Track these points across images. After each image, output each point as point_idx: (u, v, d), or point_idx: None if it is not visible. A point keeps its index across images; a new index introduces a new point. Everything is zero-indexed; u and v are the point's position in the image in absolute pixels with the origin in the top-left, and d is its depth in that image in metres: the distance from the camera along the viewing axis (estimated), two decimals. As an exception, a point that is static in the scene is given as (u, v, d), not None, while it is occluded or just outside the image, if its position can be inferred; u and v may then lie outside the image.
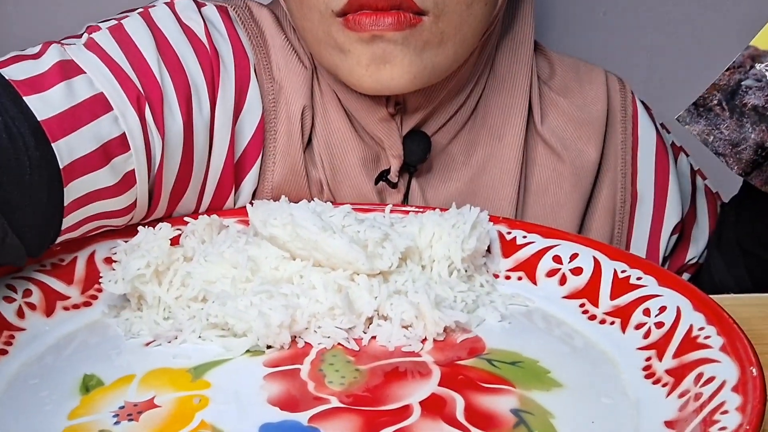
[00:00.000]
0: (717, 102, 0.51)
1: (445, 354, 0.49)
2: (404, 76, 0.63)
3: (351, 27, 0.62)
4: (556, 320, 0.54)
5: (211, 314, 0.50)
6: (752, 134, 0.50)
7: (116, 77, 0.57)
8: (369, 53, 0.62)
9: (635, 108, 0.76)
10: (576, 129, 0.73)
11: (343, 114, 0.69)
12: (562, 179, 0.72)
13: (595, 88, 0.75)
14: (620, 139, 0.75)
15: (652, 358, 0.48)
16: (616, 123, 0.75)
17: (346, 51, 0.63)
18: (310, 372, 0.47)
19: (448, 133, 0.71)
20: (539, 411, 0.44)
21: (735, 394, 0.41)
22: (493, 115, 0.72)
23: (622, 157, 0.74)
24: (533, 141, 0.73)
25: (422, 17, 0.61)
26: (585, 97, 0.74)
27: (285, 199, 0.57)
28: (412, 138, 0.69)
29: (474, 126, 0.72)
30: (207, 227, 0.58)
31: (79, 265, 0.56)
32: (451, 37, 0.64)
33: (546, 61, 0.76)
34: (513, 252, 0.59)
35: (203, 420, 0.43)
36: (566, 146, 0.73)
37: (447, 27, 0.63)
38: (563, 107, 0.73)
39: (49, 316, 0.53)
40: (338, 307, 0.50)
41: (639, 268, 0.54)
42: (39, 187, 0.52)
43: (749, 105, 0.50)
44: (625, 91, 0.76)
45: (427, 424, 0.43)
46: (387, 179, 0.69)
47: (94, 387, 0.46)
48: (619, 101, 0.75)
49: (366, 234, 0.53)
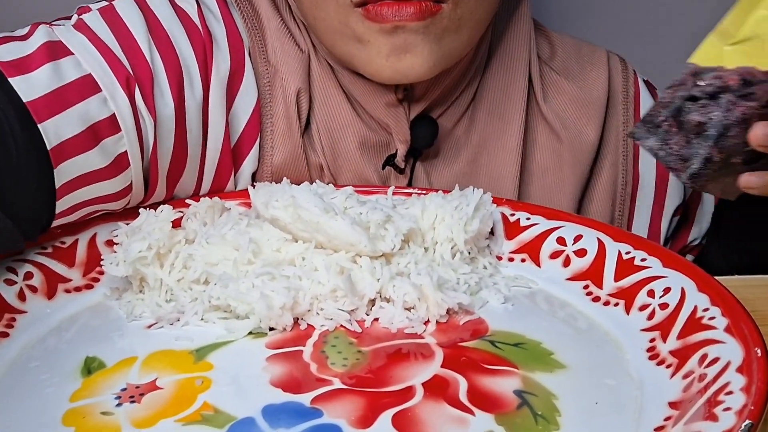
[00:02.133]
0: (664, 118, 0.53)
1: (448, 336, 0.49)
2: (424, 65, 0.63)
3: (372, 18, 0.61)
4: (560, 302, 0.54)
5: (213, 296, 0.50)
6: (700, 149, 0.51)
7: (105, 58, 0.57)
8: (390, 44, 0.62)
9: (637, 88, 0.75)
10: (576, 109, 0.73)
11: (344, 98, 0.68)
12: (562, 160, 0.72)
13: (597, 68, 0.74)
14: (621, 120, 0.74)
15: (656, 339, 0.48)
16: (617, 104, 0.74)
17: (365, 41, 0.63)
18: (313, 354, 0.47)
19: (453, 116, 0.71)
20: (542, 392, 0.44)
21: (739, 375, 0.40)
22: (494, 95, 0.72)
23: (624, 138, 0.74)
24: (534, 120, 0.73)
25: (442, 5, 0.62)
26: (586, 78, 0.74)
27: (287, 181, 0.57)
28: (419, 123, 0.69)
29: (476, 107, 0.72)
30: (209, 209, 0.58)
31: (81, 247, 0.56)
32: (467, 22, 0.64)
33: (547, 41, 0.75)
34: (516, 234, 0.59)
35: (206, 401, 0.43)
36: (566, 126, 0.72)
37: (464, 12, 0.63)
38: (564, 87, 0.73)
39: (50, 299, 0.53)
40: (340, 289, 0.50)
41: (643, 250, 0.54)
42: (27, 169, 0.51)
43: (693, 122, 0.51)
44: (627, 72, 0.75)
45: (430, 405, 0.42)
46: (394, 164, 0.69)
47: (96, 369, 0.46)
48: (621, 82, 0.75)
49: (368, 216, 0.53)
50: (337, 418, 0.41)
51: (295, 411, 0.42)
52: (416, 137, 0.69)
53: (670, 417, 0.41)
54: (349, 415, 0.41)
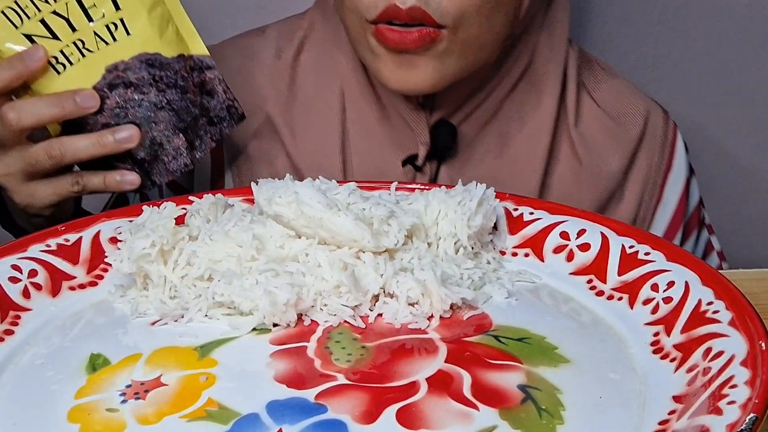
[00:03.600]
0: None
1: (451, 331, 0.49)
2: (427, 81, 0.69)
3: (380, 39, 0.67)
4: (564, 296, 0.54)
5: (216, 293, 0.50)
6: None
7: None
8: (395, 60, 0.68)
9: (675, 137, 0.80)
10: (605, 138, 0.77)
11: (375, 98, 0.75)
12: (580, 182, 0.75)
13: (635, 108, 0.78)
14: (655, 160, 0.78)
15: (660, 333, 0.48)
16: (654, 143, 0.78)
17: (376, 54, 0.69)
18: (317, 349, 0.47)
19: (476, 123, 0.75)
20: (546, 387, 0.44)
21: (744, 368, 0.40)
22: (523, 109, 0.76)
23: (653, 179, 0.78)
24: (561, 140, 0.76)
25: (441, 30, 0.66)
26: (622, 114, 0.78)
27: (289, 177, 0.57)
28: (439, 128, 0.74)
29: (504, 118, 0.76)
30: (212, 206, 0.58)
31: (84, 245, 0.56)
32: (470, 45, 0.68)
33: (592, 72, 0.79)
34: (520, 229, 0.59)
35: (210, 398, 0.43)
36: (589, 151, 0.76)
37: (467, 37, 0.68)
38: (598, 115, 0.77)
39: (55, 297, 0.53)
40: (344, 284, 0.50)
41: (647, 244, 0.54)
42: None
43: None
44: (668, 120, 0.80)
45: (434, 400, 0.42)
46: (414, 163, 0.73)
47: (100, 366, 0.46)
48: (661, 125, 0.79)
49: (371, 211, 0.53)
50: (341, 413, 0.41)
51: (299, 406, 0.42)
52: (436, 140, 0.73)
53: (674, 411, 0.41)
54: (353, 411, 0.41)
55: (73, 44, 0.64)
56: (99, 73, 0.65)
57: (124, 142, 0.64)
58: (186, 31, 0.68)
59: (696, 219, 0.82)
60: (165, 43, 0.66)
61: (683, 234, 0.80)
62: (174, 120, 0.66)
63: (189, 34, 0.68)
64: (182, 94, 0.66)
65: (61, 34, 0.64)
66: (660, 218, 0.79)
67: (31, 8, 0.64)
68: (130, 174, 0.66)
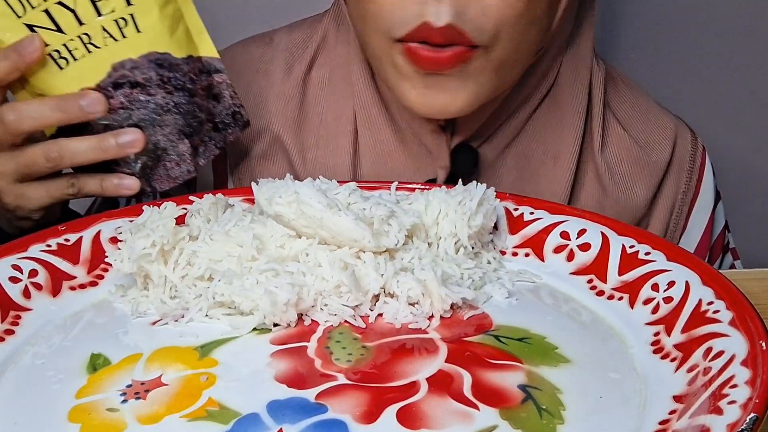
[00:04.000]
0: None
1: (452, 331, 0.49)
2: (456, 104, 0.64)
3: (410, 58, 0.63)
4: (564, 296, 0.54)
5: (217, 293, 0.50)
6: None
7: None
8: (425, 82, 0.64)
9: (703, 162, 0.76)
10: (631, 165, 0.73)
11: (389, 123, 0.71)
12: (603, 211, 0.71)
13: (663, 132, 0.75)
14: (682, 189, 0.75)
15: (660, 333, 0.48)
16: (681, 171, 0.75)
17: (402, 75, 0.64)
18: (317, 349, 0.47)
19: (497, 146, 0.72)
20: (547, 387, 0.44)
21: (744, 368, 0.40)
22: (546, 132, 0.73)
23: (679, 207, 0.75)
24: (586, 165, 0.73)
25: (476, 49, 0.62)
26: (649, 139, 0.74)
27: (290, 177, 0.57)
28: (460, 152, 0.70)
29: (526, 141, 0.72)
30: (212, 206, 0.58)
31: (85, 245, 0.56)
32: (504, 63, 0.64)
33: (616, 90, 0.76)
34: (520, 228, 0.59)
35: (210, 397, 0.43)
36: (615, 180, 0.73)
37: (502, 54, 0.64)
38: (624, 142, 0.74)
39: (55, 296, 0.53)
40: (344, 284, 0.50)
41: (647, 243, 0.54)
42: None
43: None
44: (696, 143, 0.76)
45: (435, 400, 0.42)
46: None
47: (101, 366, 0.46)
48: (689, 151, 0.76)
49: (372, 211, 0.53)
50: (341, 413, 0.41)
51: (299, 406, 0.42)
52: (456, 165, 0.70)
53: (674, 410, 0.41)
54: (353, 410, 0.42)
55: (78, 38, 0.60)
56: (104, 70, 0.61)
57: (127, 146, 0.61)
58: (196, 30, 0.65)
59: (720, 245, 0.79)
60: (175, 42, 0.62)
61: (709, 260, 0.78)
62: (180, 124, 0.63)
63: (199, 34, 0.65)
64: (190, 97, 0.63)
65: (65, 27, 0.60)
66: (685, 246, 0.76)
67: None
68: (129, 178, 0.63)
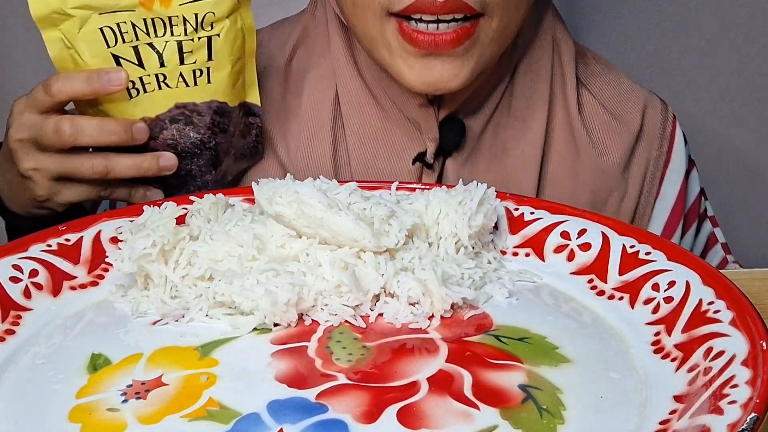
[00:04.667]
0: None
1: (452, 330, 0.49)
2: (458, 79, 0.66)
3: (407, 39, 0.63)
4: (564, 296, 0.54)
5: (217, 293, 0.50)
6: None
7: None
8: (422, 62, 0.65)
9: (674, 129, 0.78)
10: (604, 132, 0.75)
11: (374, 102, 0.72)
12: (576, 174, 0.74)
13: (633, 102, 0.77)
14: (654, 155, 0.77)
15: (661, 332, 0.48)
16: (653, 138, 0.77)
17: (397, 54, 0.65)
18: (318, 349, 0.47)
19: (481, 118, 0.73)
20: (547, 386, 0.44)
21: (745, 368, 0.40)
22: (519, 101, 0.74)
23: (652, 173, 0.77)
24: (560, 130, 0.75)
25: (478, 20, 0.63)
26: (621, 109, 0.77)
27: (290, 177, 0.57)
28: (448, 125, 0.72)
29: (502, 111, 0.74)
30: (212, 206, 0.58)
31: (85, 244, 0.56)
32: (500, 35, 0.66)
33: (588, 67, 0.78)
34: (520, 228, 0.59)
35: (211, 397, 0.43)
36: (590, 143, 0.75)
37: (498, 25, 0.65)
38: (597, 110, 0.76)
39: (56, 296, 0.53)
40: (345, 284, 0.50)
41: (648, 243, 0.54)
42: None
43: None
44: (666, 112, 0.78)
45: (435, 399, 0.42)
46: (423, 160, 0.71)
47: (101, 366, 0.46)
48: (660, 119, 0.77)
49: (372, 211, 0.53)
50: (342, 413, 0.41)
51: (300, 406, 0.42)
52: (444, 137, 0.71)
53: (675, 410, 0.41)
54: (354, 410, 0.42)
55: (154, 75, 0.65)
56: (167, 106, 0.66)
57: (165, 170, 0.66)
58: (250, 81, 0.70)
59: (696, 211, 0.81)
60: (233, 93, 0.68)
61: (683, 226, 0.79)
62: (214, 159, 0.68)
63: (252, 84, 0.70)
64: (230, 138, 0.69)
65: (147, 65, 0.65)
66: (659, 212, 0.78)
67: (130, 34, 0.64)
68: (156, 192, 0.68)
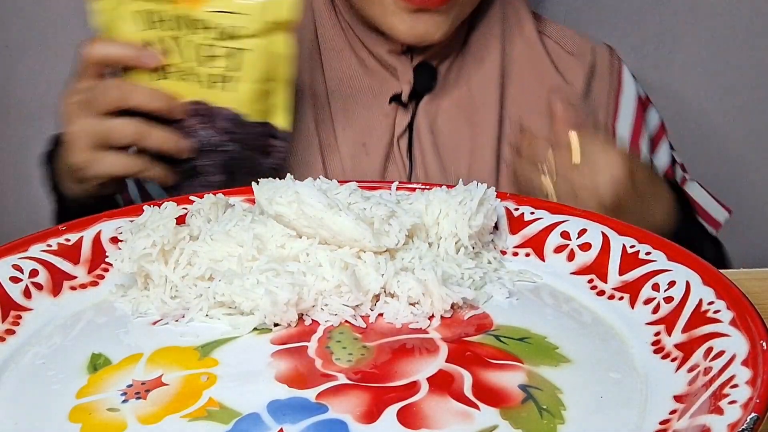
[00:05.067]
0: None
1: (452, 330, 0.49)
2: (440, 31, 0.76)
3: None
4: (564, 296, 0.54)
5: (217, 293, 0.50)
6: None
7: None
8: (412, 17, 0.74)
9: (621, 66, 0.89)
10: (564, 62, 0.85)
11: (351, 52, 0.82)
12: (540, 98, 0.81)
13: (584, 44, 0.88)
14: (605, 87, 0.87)
15: (661, 332, 0.48)
16: (603, 72, 0.87)
17: (390, 12, 0.74)
18: (318, 349, 0.47)
19: (447, 62, 0.84)
20: (547, 386, 0.44)
21: (745, 368, 0.40)
22: (475, 43, 0.85)
23: (606, 102, 0.87)
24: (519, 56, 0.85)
25: None
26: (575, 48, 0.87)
27: (290, 177, 0.57)
28: (421, 70, 0.82)
29: (463, 53, 0.84)
30: (212, 206, 0.58)
31: (85, 244, 0.56)
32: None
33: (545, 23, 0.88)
34: (520, 228, 0.59)
35: (211, 397, 0.43)
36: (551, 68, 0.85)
37: None
38: (556, 48, 0.86)
39: (56, 296, 0.53)
40: (345, 284, 0.50)
41: (648, 243, 0.54)
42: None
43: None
44: (612, 52, 0.90)
45: (435, 399, 0.42)
46: (399, 101, 0.81)
47: (101, 366, 0.46)
48: (607, 57, 0.88)
49: (372, 211, 0.53)
50: (342, 413, 0.41)
51: (300, 406, 0.42)
52: (418, 81, 0.81)
53: (675, 410, 0.41)
54: (354, 410, 0.42)
55: (176, 68, 0.68)
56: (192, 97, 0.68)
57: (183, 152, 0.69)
58: (282, 105, 0.72)
59: (660, 136, 0.90)
60: (254, 109, 0.69)
61: (651, 146, 0.89)
62: (224, 162, 0.70)
63: (282, 108, 0.72)
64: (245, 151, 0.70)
65: (170, 57, 0.67)
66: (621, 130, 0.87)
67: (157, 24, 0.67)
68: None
